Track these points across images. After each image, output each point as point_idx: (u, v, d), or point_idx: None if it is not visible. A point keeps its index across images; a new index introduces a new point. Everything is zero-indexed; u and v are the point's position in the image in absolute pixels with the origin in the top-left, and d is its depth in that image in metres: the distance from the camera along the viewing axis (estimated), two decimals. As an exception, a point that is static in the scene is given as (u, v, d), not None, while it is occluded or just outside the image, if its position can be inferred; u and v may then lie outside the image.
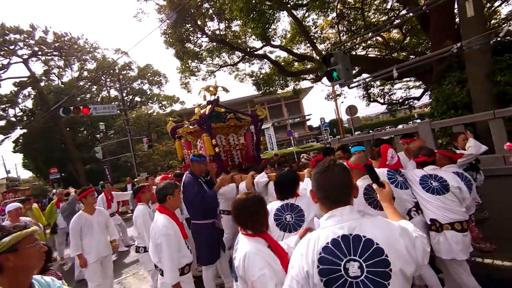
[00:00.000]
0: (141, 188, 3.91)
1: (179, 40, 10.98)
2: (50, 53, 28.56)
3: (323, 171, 1.33)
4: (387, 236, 1.17)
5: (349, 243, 1.17)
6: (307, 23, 13.41)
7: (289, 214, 2.43)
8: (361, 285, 1.12)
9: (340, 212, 1.26)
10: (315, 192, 1.36)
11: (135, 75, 35.96)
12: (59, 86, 28.88)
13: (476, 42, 4.85)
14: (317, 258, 1.18)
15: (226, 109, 5.62)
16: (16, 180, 42.07)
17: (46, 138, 26.95)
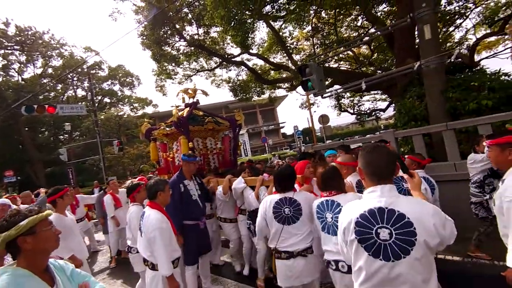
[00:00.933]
0: (136, 186, 3.70)
1: (157, 42, 10.86)
2: (10, 47, 26.60)
3: (372, 151, 1.55)
4: (418, 212, 1.40)
5: (383, 214, 1.43)
6: (284, 34, 13.96)
7: (287, 207, 2.56)
8: (388, 247, 1.40)
9: (380, 188, 1.48)
10: (363, 168, 1.56)
11: (106, 75, 34.46)
12: (19, 83, 26.94)
13: (433, 62, 5.46)
14: (355, 221, 1.49)
15: (204, 112, 5.56)
16: (-38, 183, 37.95)
17: (2, 138, 24.84)
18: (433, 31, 5.38)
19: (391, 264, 1.38)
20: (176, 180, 3.75)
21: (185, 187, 3.75)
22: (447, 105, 5.37)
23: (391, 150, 1.63)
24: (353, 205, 1.58)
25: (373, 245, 1.42)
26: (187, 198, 3.70)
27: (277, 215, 2.59)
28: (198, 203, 3.77)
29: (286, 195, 2.60)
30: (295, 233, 2.55)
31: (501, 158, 1.96)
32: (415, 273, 1.37)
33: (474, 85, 5.19)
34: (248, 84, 14.85)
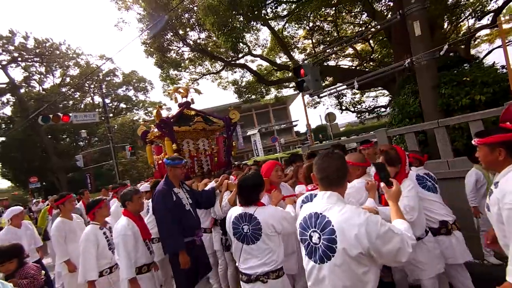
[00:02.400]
0: (98, 202, 3.22)
1: (159, 49, 11.22)
2: (30, 59, 28.11)
3: (323, 157, 1.62)
4: (343, 222, 1.45)
5: (317, 218, 1.55)
6: (287, 33, 13.97)
7: (246, 224, 2.25)
8: (318, 250, 1.51)
9: (322, 195, 1.59)
10: (315, 175, 1.64)
11: (120, 82, 35.66)
12: (40, 93, 28.39)
13: (424, 58, 5.36)
14: (299, 223, 1.67)
15: (197, 112, 5.28)
16: (-6, 189, 40.47)
17: (26, 147, 26.29)
18: (423, 27, 5.29)
19: (318, 266, 1.50)
20: (166, 189, 3.11)
21: (176, 195, 3.12)
22: (439, 101, 5.26)
23: (343, 157, 1.67)
24: (303, 208, 1.70)
25: (307, 247, 1.57)
26: (180, 209, 3.08)
27: (235, 231, 2.30)
28: (192, 214, 3.17)
29: (247, 210, 2.26)
30: (255, 254, 2.23)
31: (491, 159, 1.77)
32: (335, 278, 1.45)
33: (466, 80, 5.06)
34: (253, 85, 14.98)
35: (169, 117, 4.75)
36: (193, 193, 3.43)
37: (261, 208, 2.28)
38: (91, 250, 2.97)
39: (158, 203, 3.04)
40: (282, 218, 2.25)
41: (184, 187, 3.39)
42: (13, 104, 27.51)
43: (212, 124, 5.18)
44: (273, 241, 2.23)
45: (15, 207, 4.84)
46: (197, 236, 3.17)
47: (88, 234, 3.03)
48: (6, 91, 26.76)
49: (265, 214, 2.23)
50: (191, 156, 4.95)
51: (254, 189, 2.31)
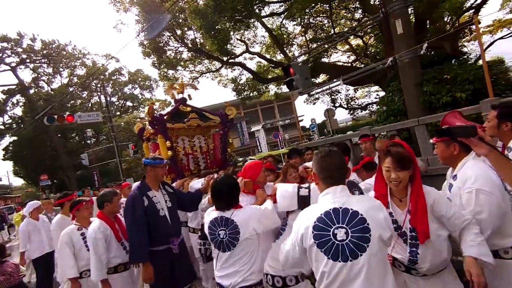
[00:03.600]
0: (77, 203, 3.23)
1: (156, 50, 11.42)
2: (38, 61, 28.80)
3: (325, 155, 1.58)
4: (368, 208, 1.45)
5: (338, 214, 1.45)
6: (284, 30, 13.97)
7: (223, 229, 2.09)
8: (346, 247, 1.40)
9: (333, 190, 1.52)
10: (317, 173, 1.60)
11: (126, 80, 36.21)
12: (49, 93, 29.10)
13: (406, 56, 5.39)
14: (312, 225, 1.47)
15: (192, 108, 5.14)
16: (8, 187, 41.89)
17: (37, 145, 27.12)
18: (405, 26, 5.30)
19: (350, 263, 1.39)
20: (137, 194, 2.87)
21: (150, 200, 2.88)
22: (421, 99, 5.29)
23: (342, 154, 1.65)
24: (308, 211, 1.57)
25: (331, 248, 1.42)
26: (153, 215, 2.83)
27: (212, 237, 2.15)
28: (167, 220, 2.89)
29: (223, 214, 2.11)
30: (231, 262, 2.08)
31: (447, 154, 1.93)
32: (371, 270, 1.39)
33: (447, 77, 5.07)
34: (252, 83, 15.07)
35: (162, 114, 4.59)
36: (177, 195, 3.19)
37: (239, 210, 2.13)
38: (65, 251, 3.04)
39: (127, 209, 2.83)
40: (262, 216, 2.13)
41: (166, 188, 3.13)
42: (23, 105, 28.32)
43: (207, 121, 5.03)
44: (251, 245, 2.09)
45: (34, 201, 5.15)
46: (173, 244, 2.88)
47: (63, 235, 3.11)
48: (16, 92, 27.55)
49: (244, 216, 2.08)
50: (186, 154, 4.81)
51: (230, 192, 2.15)
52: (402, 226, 1.77)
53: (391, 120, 5.93)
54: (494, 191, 1.73)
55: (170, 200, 3.05)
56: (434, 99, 5.15)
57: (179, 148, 4.75)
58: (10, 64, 26.77)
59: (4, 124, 27.48)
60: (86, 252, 3.06)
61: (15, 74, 27.08)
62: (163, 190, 3.08)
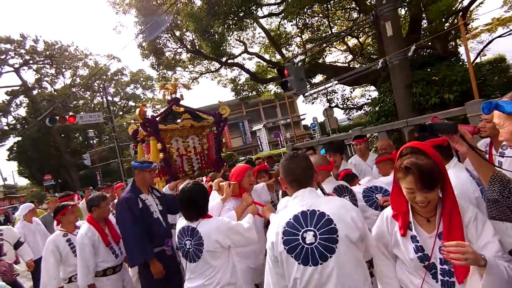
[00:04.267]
0: (62, 208, 3.19)
1: (154, 51, 11.56)
2: (41, 62, 29.17)
3: (290, 158, 1.56)
4: (335, 208, 1.42)
5: (306, 217, 1.40)
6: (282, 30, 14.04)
7: (188, 239, 2.04)
8: (315, 250, 1.35)
9: (301, 193, 1.48)
10: (284, 177, 1.57)
11: (128, 80, 36.53)
12: (52, 94, 29.48)
13: (396, 58, 5.47)
14: (282, 231, 1.42)
15: (185, 108, 5.07)
16: (13, 187, 42.44)
17: (40, 146, 27.51)
18: (394, 28, 5.37)
19: (321, 266, 1.34)
20: (131, 196, 2.87)
21: (143, 202, 2.90)
22: (410, 100, 5.37)
23: (308, 157, 1.62)
24: (278, 217, 1.54)
25: (301, 252, 1.37)
26: (148, 217, 2.87)
27: (180, 246, 2.12)
28: (161, 222, 2.95)
29: (190, 224, 2.07)
30: (198, 273, 2.04)
31: None
32: (343, 271, 1.34)
33: (435, 79, 5.14)
34: (251, 83, 15.17)
35: (154, 116, 4.52)
36: (165, 198, 3.19)
37: (205, 220, 2.06)
38: (50, 260, 3.02)
39: (122, 212, 2.78)
40: (230, 231, 2.03)
41: (154, 193, 3.13)
42: (27, 105, 28.70)
43: (201, 121, 4.96)
44: (217, 259, 2.01)
45: (27, 203, 5.15)
46: (166, 245, 2.93)
47: (48, 242, 3.09)
48: (19, 93, 27.92)
49: (209, 227, 2.00)
50: (180, 155, 4.75)
51: (196, 202, 2.09)
52: (430, 255, 1.32)
53: (382, 121, 6.02)
54: (465, 200, 1.60)
55: (161, 203, 3.08)
56: (423, 100, 5.22)
57: (173, 149, 4.69)
58: (13, 66, 27.14)
59: (8, 124, 27.88)
60: (73, 258, 3.05)
61: (18, 75, 27.44)
62: (152, 194, 3.11)
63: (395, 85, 5.68)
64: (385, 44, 5.71)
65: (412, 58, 6.18)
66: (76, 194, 4.65)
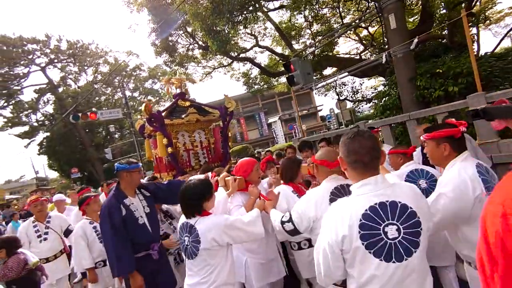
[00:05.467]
0: (86, 199, 3.56)
1: (167, 48, 11.89)
2: (65, 60, 30.59)
3: (354, 136, 1.36)
4: (415, 200, 1.32)
5: (386, 209, 1.26)
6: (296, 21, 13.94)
7: (187, 236, 2.04)
8: (399, 245, 1.24)
9: (374, 180, 1.31)
10: (344, 157, 1.39)
11: (146, 76, 37.52)
12: (76, 91, 30.95)
13: (400, 51, 5.40)
14: (358, 224, 1.25)
15: (191, 102, 5.06)
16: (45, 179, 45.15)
17: (67, 140, 29.12)
18: (398, 20, 5.29)
19: (405, 263, 1.25)
20: (112, 202, 2.69)
21: (128, 208, 2.71)
22: (415, 93, 5.31)
23: (374, 136, 1.43)
24: (344, 208, 1.33)
25: (383, 249, 1.24)
26: (132, 224, 2.70)
27: (180, 241, 2.13)
28: (146, 228, 2.77)
29: (189, 221, 2.06)
30: (195, 271, 2.02)
31: (437, 154, 1.76)
32: (423, 266, 1.31)
33: (439, 71, 5.04)
34: (263, 76, 15.26)
35: (160, 111, 4.52)
36: (156, 195, 3.00)
37: (203, 218, 2.03)
38: (81, 243, 3.32)
39: (103, 221, 2.67)
40: (227, 227, 1.99)
41: (143, 192, 2.92)
42: (53, 102, 30.32)
43: (206, 115, 4.94)
44: (214, 257, 1.97)
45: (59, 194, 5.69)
46: (153, 249, 2.77)
47: (77, 229, 3.45)
48: (46, 91, 29.49)
49: (205, 225, 1.97)
50: (187, 149, 4.77)
51: (196, 200, 2.05)
52: None
53: (387, 114, 5.99)
54: (457, 197, 1.60)
55: (148, 205, 2.86)
56: (427, 93, 5.16)
57: (179, 144, 4.71)
58: (40, 65, 28.62)
59: (37, 121, 29.61)
60: (99, 244, 3.29)
61: (45, 74, 28.97)
62: (139, 195, 2.87)
63: (399, 78, 5.62)
64: (389, 36, 5.63)
65: (420, 50, 6.05)
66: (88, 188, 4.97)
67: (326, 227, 1.36)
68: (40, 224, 4.05)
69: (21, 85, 27.82)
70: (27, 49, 27.27)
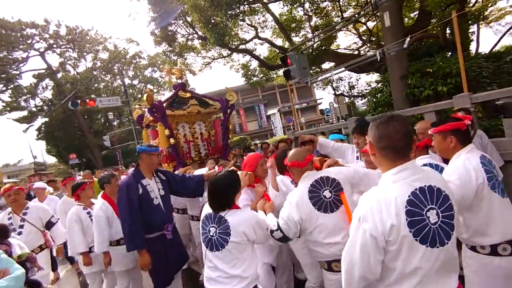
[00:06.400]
0: (81, 184, 3.55)
1: (166, 38, 11.87)
2: (64, 46, 30.34)
3: (387, 120, 1.28)
4: (444, 183, 1.33)
5: (425, 193, 1.24)
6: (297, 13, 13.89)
7: (213, 226, 1.95)
8: (440, 229, 1.23)
9: (411, 165, 1.28)
10: (375, 143, 1.31)
11: (146, 64, 37.27)
12: (75, 77, 30.82)
13: (393, 49, 5.50)
14: (404, 211, 1.20)
15: (192, 94, 4.99)
16: (43, 164, 45.29)
17: (66, 126, 29.18)
18: (392, 19, 5.37)
19: (446, 247, 1.24)
20: (131, 181, 2.90)
21: (144, 188, 2.91)
22: (405, 91, 5.45)
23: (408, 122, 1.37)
24: (385, 196, 1.25)
25: (428, 234, 1.21)
26: (147, 203, 2.89)
27: (203, 232, 2.03)
28: (161, 208, 2.97)
29: (218, 212, 1.99)
30: (220, 267, 1.92)
31: (444, 146, 1.88)
32: (454, 249, 1.30)
33: (430, 71, 5.16)
34: (262, 68, 15.28)
35: (161, 101, 4.45)
36: (170, 181, 3.19)
37: (234, 210, 1.98)
38: (75, 228, 3.34)
39: (121, 197, 2.86)
40: (257, 225, 1.97)
41: (159, 176, 3.13)
42: (52, 88, 30.23)
43: (208, 107, 4.90)
44: (243, 251, 1.92)
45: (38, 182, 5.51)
46: (166, 230, 2.99)
47: (71, 214, 3.43)
48: (45, 76, 29.34)
49: (238, 218, 1.92)
50: (187, 141, 4.71)
51: (227, 193, 1.99)
52: None
53: (379, 110, 6.13)
54: (462, 185, 1.70)
55: (163, 188, 3.07)
56: (417, 92, 5.30)
57: (180, 136, 4.68)
58: (39, 50, 28.41)
59: (36, 106, 29.59)
60: (93, 229, 3.31)
61: (43, 59, 28.77)
62: (156, 178, 3.09)
63: (392, 76, 5.75)
64: (384, 34, 5.73)
65: (415, 48, 6.15)
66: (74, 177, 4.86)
67: (365, 220, 1.24)
68: (15, 215, 3.74)
69: (20, 69, 27.68)
70: (26, 33, 27.01)
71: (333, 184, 1.99)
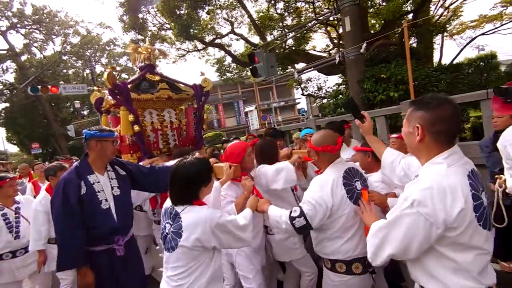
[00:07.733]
0: (1, 179, 2.92)
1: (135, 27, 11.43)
2: (29, 26, 28.36)
3: (443, 102, 1.17)
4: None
5: (476, 176, 1.19)
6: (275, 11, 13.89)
7: (168, 223, 1.69)
8: (487, 211, 1.18)
9: (457, 148, 1.21)
10: (428, 126, 1.18)
11: (121, 51, 35.72)
12: (42, 60, 28.90)
13: (351, 53, 5.66)
14: (471, 195, 1.12)
15: (162, 77, 4.36)
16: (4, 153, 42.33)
17: (29, 113, 27.34)
18: (352, 23, 5.52)
19: (493, 228, 1.22)
20: (72, 177, 2.21)
21: (90, 187, 2.22)
22: (361, 95, 5.63)
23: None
24: (447, 179, 1.13)
25: (486, 217, 1.16)
26: (92, 207, 2.19)
27: (162, 227, 1.77)
28: (110, 214, 2.25)
29: (175, 207, 1.69)
30: (169, 268, 1.67)
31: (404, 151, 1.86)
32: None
33: (383, 77, 5.38)
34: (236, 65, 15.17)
35: (125, 82, 3.90)
36: (134, 176, 2.54)
37: (193, 207, 1.65)
38: None
39: (55, 197, 2.20)
40: (218, 228, 1.62)
41: (116, 170, 2.44)
42: (15, 71, 28.18)
43: (179, 92, 4.36)
44: (193, 260, 1.60)
45: None
46: (117, 243, 2.25)
47: None
48: (6, 58, 27.27)
49: (193, 219, 1.60)
50: (155, 130, 4.19)
51: (188, 185, 1.67)
52: None
53: (338, 112, 6.30)
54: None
55: (120, 186, 2.36)
56: (371, 96, 5.50)
57: (147, 123, 4.13)
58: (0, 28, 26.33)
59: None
60: (7, 234, 2.87)
61: (5, 38, 26.74)
62: (110, 172, 2.38)
63: (350, 79, 5.93)
64: (345, 38, 5.88)
65: (375, 54, 6.36)
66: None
67: (422, 204, 1.11)
68: None
69: (-23, 48, 25.46)
70: (-15, 9, 24.91)
71: (362, 178, 1.90)
